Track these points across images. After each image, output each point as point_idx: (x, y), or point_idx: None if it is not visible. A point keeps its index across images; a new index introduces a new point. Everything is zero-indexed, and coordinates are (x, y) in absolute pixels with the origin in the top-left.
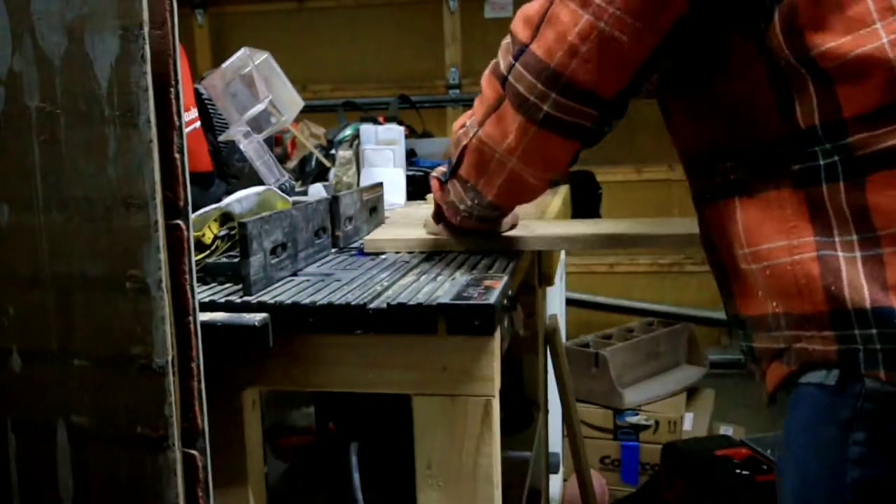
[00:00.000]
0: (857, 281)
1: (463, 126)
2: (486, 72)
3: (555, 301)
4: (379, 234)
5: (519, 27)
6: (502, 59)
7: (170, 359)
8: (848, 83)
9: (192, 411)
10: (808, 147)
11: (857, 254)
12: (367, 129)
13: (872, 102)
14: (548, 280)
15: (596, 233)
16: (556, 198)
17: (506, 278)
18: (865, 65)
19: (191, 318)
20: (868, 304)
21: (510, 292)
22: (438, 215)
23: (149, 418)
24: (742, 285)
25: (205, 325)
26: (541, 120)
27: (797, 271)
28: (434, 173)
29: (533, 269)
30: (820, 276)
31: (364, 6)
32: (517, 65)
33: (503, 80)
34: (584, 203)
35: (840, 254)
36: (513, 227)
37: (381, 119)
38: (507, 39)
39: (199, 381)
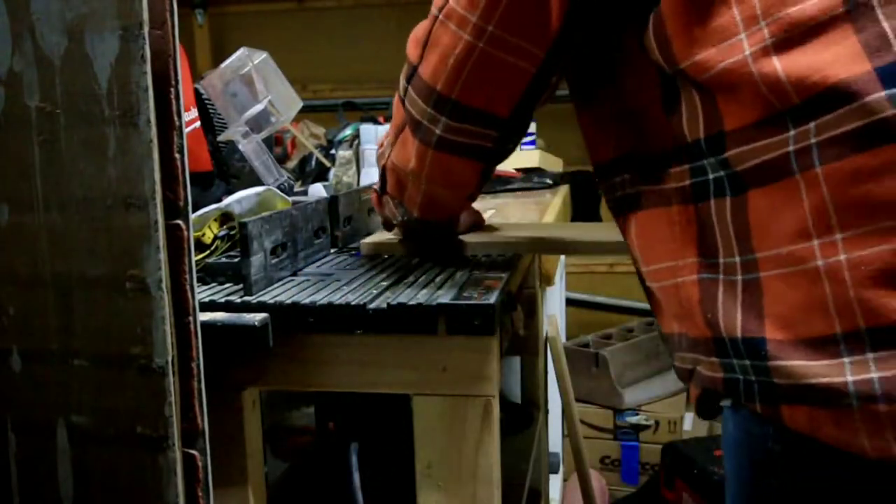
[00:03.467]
0: (732, 308)
1: (382, 146)
2: (396, 94)
3: (555, 301)
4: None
5: (410, 48)
6: (400, 82)
7: (170, 359)
8: (725, 96)
9: (192, 411)
10: (696, 161)
11: (739, 277)
12: (367, 129)
13: (748, 117)
14: (548, 280)
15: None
16: (557, 198)
17: (506, 278)
18: (731, 78)
19: (191, 318)
20: (739, 333)
21: (510, 292)
22: (386, 224)
23: (149, 418)
24: (653, 303)
25: (205, 325)
26: (435, 143)
27: (681, 294)
28: (374, 186)
29: (533, 269)
30: (699, 301)
31: (364, 6)
32: (409, 88)
33: (403, 104)
34: (585, 204)
35: (720, 277)
36: (474, 225)
37: (381, 119)
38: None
39: (199, 381)
